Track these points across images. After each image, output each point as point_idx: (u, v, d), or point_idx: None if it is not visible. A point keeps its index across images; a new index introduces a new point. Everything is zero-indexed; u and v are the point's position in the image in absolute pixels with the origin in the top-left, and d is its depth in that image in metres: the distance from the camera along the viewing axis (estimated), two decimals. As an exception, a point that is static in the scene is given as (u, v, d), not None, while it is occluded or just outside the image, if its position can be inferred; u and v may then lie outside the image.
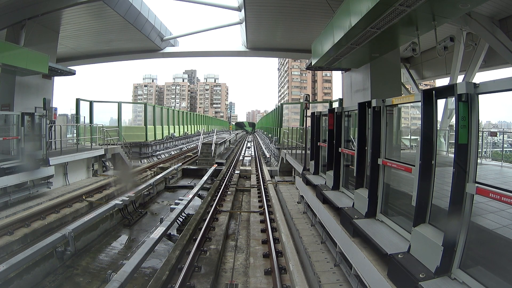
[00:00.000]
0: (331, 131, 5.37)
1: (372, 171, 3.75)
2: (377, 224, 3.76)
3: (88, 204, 9.56)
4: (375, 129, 3.68)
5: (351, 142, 5.25)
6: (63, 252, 6.55)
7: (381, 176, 3.75)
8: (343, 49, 6.47)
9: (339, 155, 5.04)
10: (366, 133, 4.16)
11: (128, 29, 13.45)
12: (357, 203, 4.17)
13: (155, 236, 5.34)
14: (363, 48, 6.56)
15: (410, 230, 3.23)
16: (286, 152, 11.57)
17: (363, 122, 4.14)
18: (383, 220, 3.77)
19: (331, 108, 5.37)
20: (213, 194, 9.71)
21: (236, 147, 31.73)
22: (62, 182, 11.55)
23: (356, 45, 6.24)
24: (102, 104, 19.14)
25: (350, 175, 5.08)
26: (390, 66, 9.00)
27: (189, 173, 15.01)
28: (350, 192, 4.82)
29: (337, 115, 4.96)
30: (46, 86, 13.32)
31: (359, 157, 4.15)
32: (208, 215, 7.55)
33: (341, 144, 5.00)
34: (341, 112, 4.97)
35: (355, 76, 9.68)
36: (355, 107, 4.59)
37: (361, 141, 4.13)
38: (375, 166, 3.74)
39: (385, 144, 3.70)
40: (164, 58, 18.66)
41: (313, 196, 5.71)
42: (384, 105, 3.68)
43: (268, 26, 12.29)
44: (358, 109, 4.14)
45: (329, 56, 7.15)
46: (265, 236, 6.60)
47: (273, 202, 8.59)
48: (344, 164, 5.07)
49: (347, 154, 4.93)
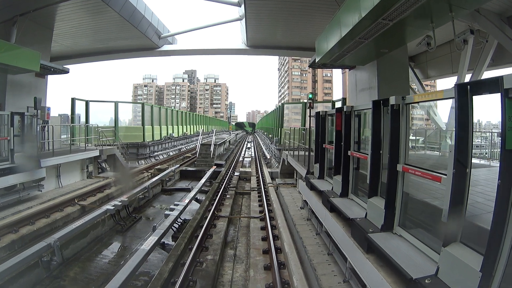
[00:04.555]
0: (338, 132, 4.91)
1: (390, 179, 3.28)
2: (395, 239, 3.30)
3: (80, 208, 9.11)
4: (393, 130, 3.21)
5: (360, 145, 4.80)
6: (49, 261, 6.11)
7: (400, 184, 3.29)
8: (351, 44, 6.01)
9: (348, 159, 4.57)
10: (381, 135, 3.70)
11: (124, 26, 13.00)
12: (371, 213, 3.70)
13: (145, 247, 4.88)
14: (371, 43, 6.10)
15: (437, 249, 2.78)
16: (288, 154, 11.11)
17: (378, 122, 3.68)
18: (402, 234, 3.31)
19: (338, 107, 4.90)
20: (211, 197, 9.24)
21: (236, 147, 31.27)
22: (55, 185, 11.10)
23: (365, 39, 5.78)
24: (103, 104, 18.64)
25: (361, 181, 4.61)
26: (398, 63, 8.54)
27: (187, 175, 14.54)
28: (361, 201, 4.35)
29: (346, 115, 4.49)
30: (39, 85, 12.88)
31: (373, 162, 3.69)
32: (205, 221, 7.08)
33: (350, 147, 4.53)
34: (350, 112, 4.50)
35: (361, 74, 9.22)
36: (367, 106, 4.14)
37: (375, 144, 3.67)
38: (393, 173, 3.27)
39: (405, 148, 3.23)
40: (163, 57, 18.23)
41: (319, 202, 5.25)
42: (404, 103, 3.21)
43: (268, 22, 11.83)
44: (372, 108, 3.67)
45: (335, 52, 6.69)
46: (266, 245, 6.13)
47: (274, 207, 8.13)
48: (354, 169, 4.61)
49: (358, 158, 4.46)
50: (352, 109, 4.48)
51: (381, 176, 3.74)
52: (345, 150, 4.57)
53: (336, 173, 5.03)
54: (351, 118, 4.52)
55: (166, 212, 6.94)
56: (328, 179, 5.89)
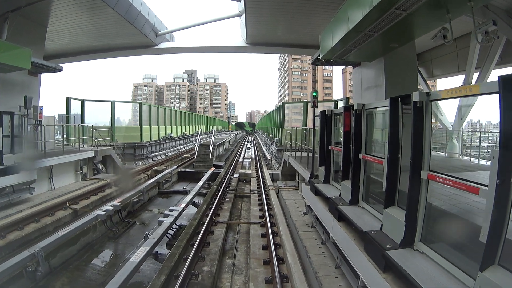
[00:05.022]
0: (347, 133, 4.46)
1: (412, 187, 2.84)
2: (418, 257, 2.85)
3: (72, 212, 8.69)
4: (416, 131, 2.77)
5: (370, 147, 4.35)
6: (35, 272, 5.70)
7: (423, 194, 2.84)
8: (358, 38, 5.56)
9: (359, 163, 4.13)
10: (398, 137, 3.26)
11: (120, 22, 12.55)
12: (388, 226, 3.26)
13: (135, 259, 4.44)
14: (380, 37, 5.66)
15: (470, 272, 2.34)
16: (289, 155, 10.66)
17: (396, 122, 3.24)
18: (426, 252, 2.86)
19: (347, 106, 4.45)
20: (209, 201, 8.79)
21: (236, 148, 30.83)
22: (47, 187, 10.67)
23: (374, 32, 5.33)
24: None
25: (373, 188, 4.18)
26: (405, 60, 8.10)
27: (185, 177, 14.09)
28: (373, 209, 3.90)
29: (357, 114, 4.04)
30: (32, 84, 12.45)
31: (390, 167, 3.24)
32: (202, 228, 6.63)
33: (361, 149, 4.08)
34: (361, 110, 4.05)
35: (366, 72, 8.78)
36: (381, 104, 3.70)
37: (393, 147, 3.22)
38: (415, 181, 2.83)
39: (429, 152, 2.79)
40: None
41: (325, 210, 4.80)
42: (428, 99, 2.77)
43: (269, 18, 11.36)
44: (390, 106, 3.23)
45: (340, 47, 6.25)
46: (267, 254, 5.68)
47: (276, 212, 7.68)
48: (365, 174, 4.16)
49: (369, 162, 4.01)
50: (363, 107, 4.03)
51: (399, 183, 3.30)
52: (355, 152, 4.12)
53: (345, 178, 4.58)
54: (362, 118, 4.07)
55: (160, 218, 6.49)
56: (334, 183, 5.45)
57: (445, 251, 2.74)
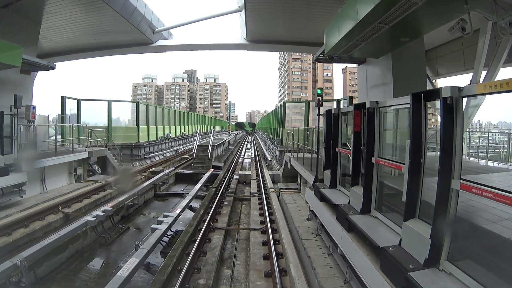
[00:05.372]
0: (357, 134, 4.04)
1: (440, 198, 2.42)
2: (445, 279, 2.43)
3: (63, 216, 8.27)
4: (446, 133, 2.35)
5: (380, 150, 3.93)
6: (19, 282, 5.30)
7: (453, 206, 2.42)
8: (368, 31, 5.14)
9: (371, 167, 3.70)
10: (421, 139, 2.84)
11: (115, 19, 12.14)
12: (408, 241, 2.84)
13: (123, 273, 4.01)
14: (391, 31, 5.24)
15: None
16: (291, 157, 10.23)
17: (418, 122, 2.82)
18: (454, 273, 2.44)
19: (357, 103, 4.03)
20: (207, 205, 8.37)
21: (236, 148, 30.40)
22: (39, 189, 10.25)
23: (385, 24, 4.91)
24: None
25: (387, 196, 3.76)
26: (414, 57, 7.68)
27: (183, 178, 13.65)
28: (389, 220, 3.47)
29: (369, 113, 3.62)
30: (25, 82, 12.06)
31: (412, 174, 2.82)
32: (199, 235, 6.20)
33: (374, 153, 3.66)
34: (374, 109, 3.63)
35: (372, 69, 8.36)
36: (399, 101, 3.28)
37: (415, 151, 2.80)
38: (444, 191, 2.41)
39: (461, 157, 2.37)
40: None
41: (332, 218, 4.38)
42: (460, 95, 2.35)
43: (269, 13, 10.95)
44: (412, 103, 2.80)
45: (347, 42, 5.82)
46: (268, 265, 5.27)
47: (277, 217, 7.25)
48: (378, 179, 3.74)
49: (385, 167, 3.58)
50: (376, 105, 3.60)
51: (421, 192, 2.88)
52: (367, 156, 3.69)
53: (354, 184, 4.16)
54: (375, 117, 3.65)
55: (152, 225, 6.05)
56: (341, 189, 5.02)
57: (476, 271, 2.32)
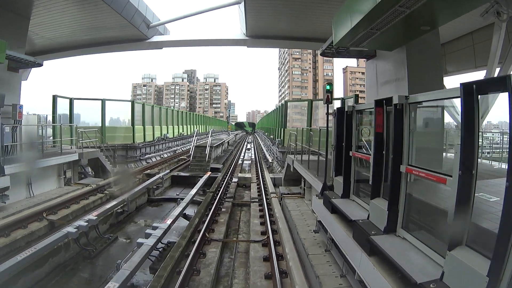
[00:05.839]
0: (379, 136, 3.34)
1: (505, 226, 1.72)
2: None
3: (48, 224, 7.61)
4: None
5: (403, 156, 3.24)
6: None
7: None
8: (386, 15, 4.43)
9: (399, 177, 3.00)
10: (473, 143, 2.15)
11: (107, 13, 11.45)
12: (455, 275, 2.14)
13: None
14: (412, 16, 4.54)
15: None
16: (294, 159, 9.53)
17: (471, 121, 2.13)
18: None
19: (380, 99, 3.33)
20: (203, 213, 7.66)
21: (235, 149, 29.70)
22: (25, 194, 9.59)
23: (407, 8, 4.21)
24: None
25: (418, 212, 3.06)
26: (430, 50, 6.97)
27: (179, 181, 12.94)
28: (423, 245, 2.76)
29: (397, 110, 2.92)
30: (12, 80, 11.37)
31: (462, 188, 2.12)
32: (192, 248, 5.50)
33: (402, 159, 2.96)
34: (403, 105, 2.93)
35: (383, 64, 7.67)
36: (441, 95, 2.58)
37: (467, 159, 2.11)
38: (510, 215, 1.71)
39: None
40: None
41: (347, 237, 3.67)
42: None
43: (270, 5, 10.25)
44: (463, 97, 2.11)
45: (361, 30, 5.13)
46: (271, 286, 4.57)
47: (280, 227, 6.55)
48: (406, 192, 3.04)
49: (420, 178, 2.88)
50: (406, 101, 2.90)
51: (471, 212, 2.19)
52: (394, 163, 2.99)
53: (375, 195, 3.46)
54: (404, 115, 2.95)
55: (139, 240, 5.35)
56: (356, 199, 4.32)
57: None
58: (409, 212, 3.13)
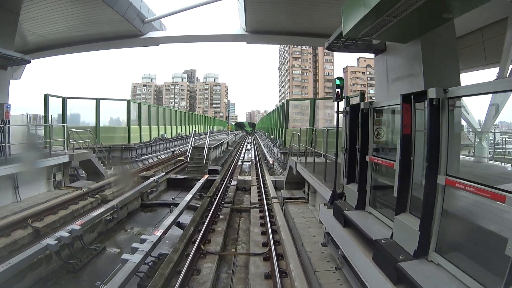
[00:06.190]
0: (406, 139, 2.74)
1: None
2: None
3: (33, 231, 7.05)
4: None
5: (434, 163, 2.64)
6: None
7: None
8: None
9: (434, 190, 2.41)
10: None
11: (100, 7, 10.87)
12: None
13: None
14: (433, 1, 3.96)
15: None
16: (297, 161, 8.94)
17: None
18: None
19: (407, 94, 2.73)
20: (199, 221, 7.06)
21: (235, 149, 29.10)
22: (12, 199, 9.03)
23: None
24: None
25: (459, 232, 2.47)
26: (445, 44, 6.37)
27: (175, 184, 12.34)
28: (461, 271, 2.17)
29: (433, 107, 2.33)
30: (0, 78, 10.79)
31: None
32: (185, 264, 4.90)
33: (439, 168, 2.36)
34: (439, 101, 2.34)
35: (394, 59, 7.06)
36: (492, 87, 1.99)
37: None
38: None
39: None
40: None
41: (367, 259, 3.06)
42: None
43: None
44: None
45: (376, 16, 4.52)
46: (274, 311, 3.98)
47: (283, 238, 5.94)
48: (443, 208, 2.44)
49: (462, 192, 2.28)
50: (445, 95, 2.31)
51: None
52: (429, 173, 2.40)
53: (401, 210, 2.86)
54: (442, 114, 2.35)
55: (123, 256, 4.74)
56: (373, 211, 3.72)
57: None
58: (445, 232, 2.54)
